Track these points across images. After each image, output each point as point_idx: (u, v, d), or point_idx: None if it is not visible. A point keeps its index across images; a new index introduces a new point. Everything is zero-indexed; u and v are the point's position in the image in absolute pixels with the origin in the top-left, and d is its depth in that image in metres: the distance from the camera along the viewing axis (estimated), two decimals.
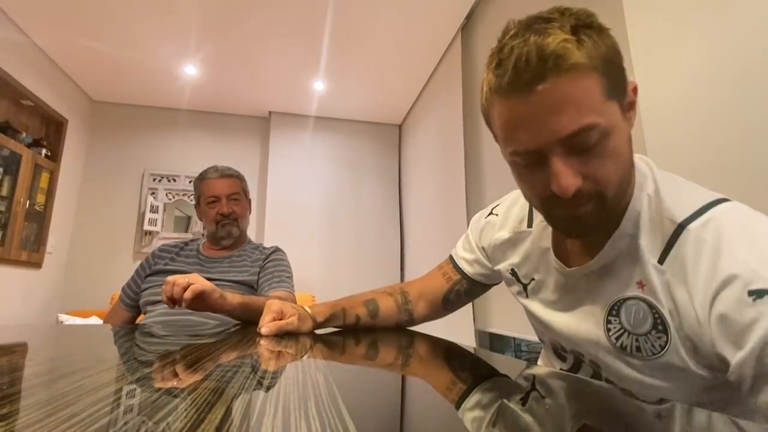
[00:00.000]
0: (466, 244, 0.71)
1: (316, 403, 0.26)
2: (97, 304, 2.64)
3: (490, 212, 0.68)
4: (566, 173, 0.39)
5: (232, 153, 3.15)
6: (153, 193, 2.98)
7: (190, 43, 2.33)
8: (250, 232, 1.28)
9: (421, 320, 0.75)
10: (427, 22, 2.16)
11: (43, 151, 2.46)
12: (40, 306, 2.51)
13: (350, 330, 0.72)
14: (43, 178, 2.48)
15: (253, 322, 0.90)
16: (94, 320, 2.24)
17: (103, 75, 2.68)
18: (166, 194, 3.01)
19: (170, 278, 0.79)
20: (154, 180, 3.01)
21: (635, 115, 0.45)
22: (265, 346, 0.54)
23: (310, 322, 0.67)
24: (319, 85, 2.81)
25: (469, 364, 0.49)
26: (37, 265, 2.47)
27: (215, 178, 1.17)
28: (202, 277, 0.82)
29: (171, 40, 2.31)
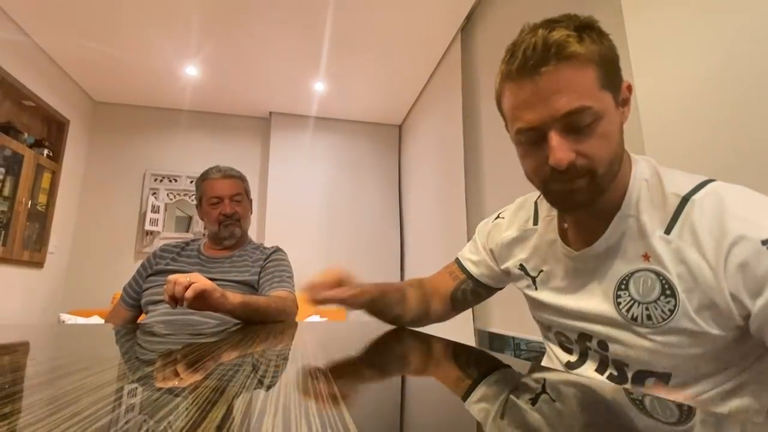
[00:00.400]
0: (473, 248, 0.73)
1: (317, 401, 0.26)
2: (99, 304, 2.64)
3: (497, 217, 0.71)
4: (562, 147, 0.45)
5: (232, 153, 3.16)
6: (154, 193, 2.99)
7: (191, 43, 2.33)
8: (251, 232, 1.29)
9: (435, 317, 0.75)
10: (426, 24, 2.17)
11: (45, 152, 2.46)
12: (42, 305, 2.52)
13: (385, 321, 0.70)
14: (45, 178, 2.49)
15: (253, 322, 0.91)
16: (96, 320, 2.25)
17: (104, 76, 2.68)
18: (168, 194, 3.02)
19: (172, 277, 0.79)
20: (156, 180, 3.01)
21: (629, 111, 0.50)
22: (263, 347, 0.54)
23: (360, 301, 0.65)
24: (319, 86, 2.81)
25: (468, 363, 0.49)
26: (39, 264, 2.47)
27: (218, 179, 1.17)
28: (204, 276, 0.82)
29: (172, 41, 2.32)
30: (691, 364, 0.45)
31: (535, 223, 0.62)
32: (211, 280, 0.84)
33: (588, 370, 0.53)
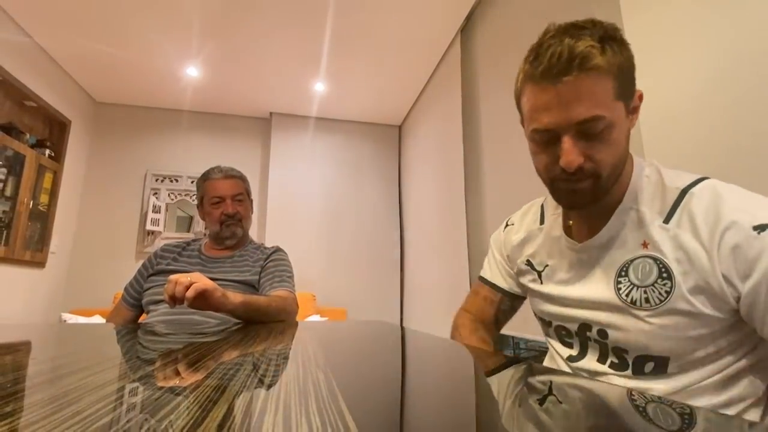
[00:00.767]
0: (492, 263, 0.75)
1: (317, 400, 0.26)
2: (100, 304, 2.65)
3: (506, 225, 0.75)
4: (573, 151, 0.48)
5: (233, 153, 3.16)
6: (155, 193, 2.99)
7: (192, 44, 2.34)
8: (252, 232, 1.29)
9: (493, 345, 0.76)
10: (426, 25, 2.17)
11: (47, 152, 2.47)
12: (44, 305, 2.53)
13: None
14: (47, 178, 2.49)
15: (254, 322, 0.91)
16: (97, 319, 2.25)
17: (106, 76, 2.69)
18: (169, 194, 3.02)
19: (173, 277, 0.79)
20: (157, 180, 3.02)
21: (637, 118, 0.53)
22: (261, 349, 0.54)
23: None
24: (319, 87, 2.81)
25: (467, 362, 0.49)
26: (41, 264, 2.48)
27: (220, 179, 1.17)
28: (204, 276, 0.82)
29: (173, 42, 2.32)
30: (689, 347, 0.47)
31: (542, 222, 0.66)
32: (212, 279, 0.84)
33: (589, 363, 0.55)
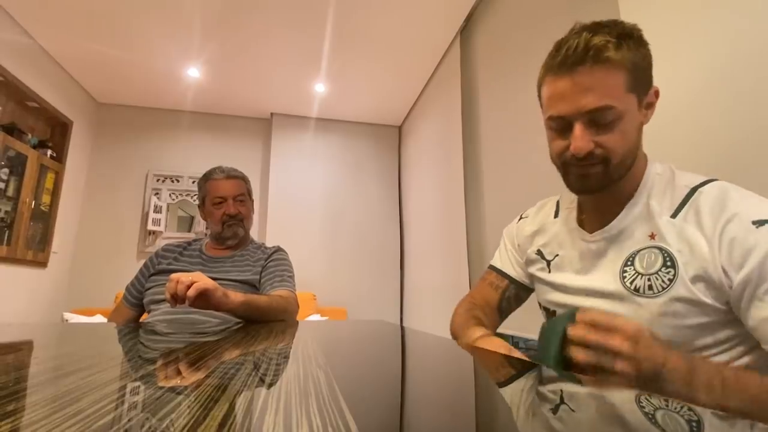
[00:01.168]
0: (503, 252, 0.77)
1: (317, 399, 0.26)
2: (102, 303, 2.66)
3: (520, 218, 0.77)
4: (583, 138, 0.52)
5: (234, 154, 3.17)
6: (156, 194, 3.00)
7: (193, 46, 2.34)
8: (252, 232, 1.29)
9: (491, 330, 0.76)
10: (426, 25, 2.17)
11: (49, 152, 2.48)
12: (46, 305, 2.53)
13: None
14: (49, 178, 2.50)
15: (254, 321, 0.91)
16: (99, 319, 2.26)
17: (107, 77, 2.70)
18: (170, 194, 3.03)
19: (174, 276, 0.79)
20: (158, 180, 3.03)
21: (652, 114, 0.56)
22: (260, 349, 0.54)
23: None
24: (320, 87, 2.82)
25: (465, 361, 0.49)
26: (43, 264, 2.49)
27: (221, 179, 1.18)
28: (206, 276, 0.83)
29: (174, 43, 2.33)
30: (689, 336, 0.48)
31: (556, 216, 0.68)
32: (213, 279, 0.84)
33: None
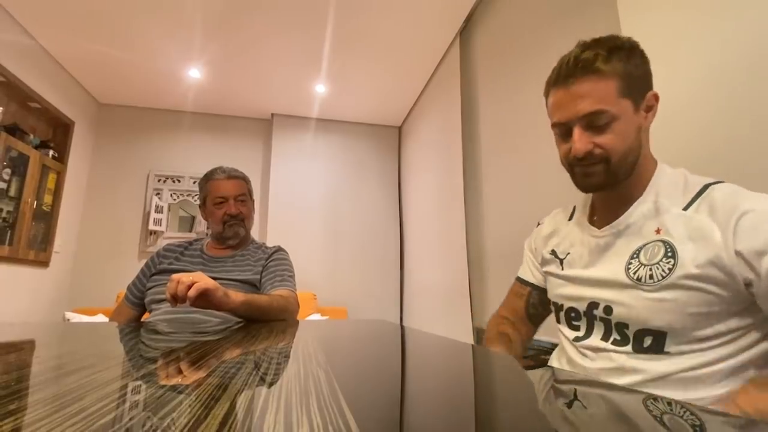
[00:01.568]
0: (524, 261, 0.81)
1: (318, 398, 0.26)
2: (103, 303, 2.66)
3: (537, 225, 0.82)
4: (581, 140, 0.58)
5: (235, 154, 3.17)
6: (158, 194, 3.00)
7: (194, 46, 2.34)
8: (253, 232, 1.29)
9: (526, 339, 0.79)
10: (426, 26, 2.17)
11: (51, 153, 2.48)
12: (48, 304, 2.54)
13: None
14: (51, 178, 2.51)
15: (255, 320, 0.91)
16: (100, 318, 2.26)
17: (109, 78, 2.70)
18: (171, 194, 3.04)
19: (175, 276, 0.80)
20: (159, 180, 3.03)
21: (653, 116, 0.61)
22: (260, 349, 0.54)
23: None
24: (320, 88, 2.82)
25: (465, 360, 0.49)
26: (45, 264, 2.50)
27: (223, 179, 1.18)
28: (206, 275, 0.83)
29: (175, 44, 2.33)
30: (687, 323, 0.51)
31: (570, 218, 0.74)
32: (214, 279, 0.84)
33: (594, 341, 0.60)
